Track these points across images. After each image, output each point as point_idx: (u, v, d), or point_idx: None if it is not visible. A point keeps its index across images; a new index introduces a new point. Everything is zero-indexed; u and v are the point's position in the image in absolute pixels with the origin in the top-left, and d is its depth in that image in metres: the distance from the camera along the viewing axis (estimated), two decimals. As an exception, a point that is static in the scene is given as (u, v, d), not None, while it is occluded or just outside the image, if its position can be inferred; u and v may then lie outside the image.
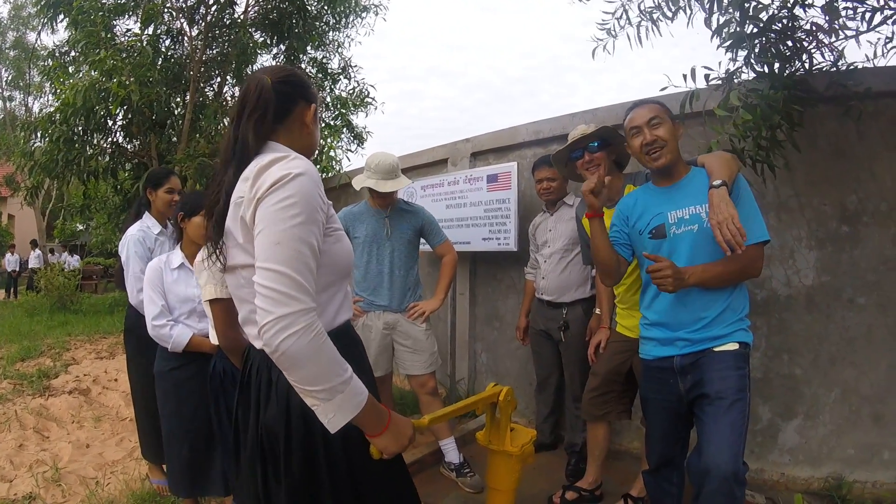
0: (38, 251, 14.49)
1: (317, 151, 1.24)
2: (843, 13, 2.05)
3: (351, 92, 9.07)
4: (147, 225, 2.47)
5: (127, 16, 6.85)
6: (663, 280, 1.53)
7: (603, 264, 1.78)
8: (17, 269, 14.43)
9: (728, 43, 2.00)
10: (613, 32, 2.43)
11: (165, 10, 6.67)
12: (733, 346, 1.60)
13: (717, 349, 1.59)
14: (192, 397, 2.02)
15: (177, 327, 2.03)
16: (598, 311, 2.50)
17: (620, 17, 2.39)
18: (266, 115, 1.05)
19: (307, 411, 0.97)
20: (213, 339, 1.68)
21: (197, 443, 2.02)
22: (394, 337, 2.62)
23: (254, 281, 0.94)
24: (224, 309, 1.57)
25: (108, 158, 6.99)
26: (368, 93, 9.15)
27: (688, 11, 2.27)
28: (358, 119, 9.70)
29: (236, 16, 7.32)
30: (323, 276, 1.02)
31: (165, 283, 2.05)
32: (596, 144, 2.19)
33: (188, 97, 6.91)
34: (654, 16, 2.34)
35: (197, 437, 2.02)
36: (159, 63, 6.60)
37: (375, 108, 9.47)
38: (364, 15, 9.17)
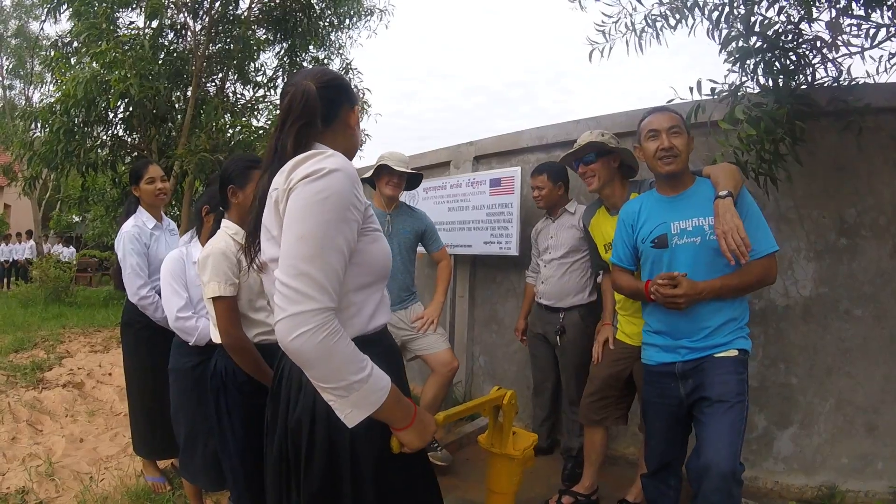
0: (31, 242, 14.33)
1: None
2: (847, 30, 2.08)
3: None
4: (142, 220, 2.45)
5: (130, 8, 6.85)
6: (672, 303, 1.61)
7: None
8: None
9: (735, 57, 2.02)
10: (609, 37, 2.44)
11: (169, 3, 6.66)
12: (733, 353, 1.63)
13: (717, 355, 1.63)
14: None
15: (201, 320, 1.98)
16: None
17: (618, 21, 2.40)
18: (312, 122, 1.03)
19: (333, 417, 0.94)
20: (215, 338, 1.68)
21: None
22: (398, 333, 2.62)
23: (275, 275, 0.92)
24: (227, 307, 1.57)
25: (107, 151, 6.98)
26: (363, 95, 9.18)
27: (690, 21, 2.29)
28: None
29: (240, 12, 7.32)
30: (359, 276, 1.00)
31: (188, 277, 2.00)
32: (593, 156, 2.23)
33: (190, 92, 6.90)
34: (658, 24, 2.36)
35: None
36: (161, 57, 6.59)
37: (369, 116, 9.54)
38: (367, 18, 9.21)
